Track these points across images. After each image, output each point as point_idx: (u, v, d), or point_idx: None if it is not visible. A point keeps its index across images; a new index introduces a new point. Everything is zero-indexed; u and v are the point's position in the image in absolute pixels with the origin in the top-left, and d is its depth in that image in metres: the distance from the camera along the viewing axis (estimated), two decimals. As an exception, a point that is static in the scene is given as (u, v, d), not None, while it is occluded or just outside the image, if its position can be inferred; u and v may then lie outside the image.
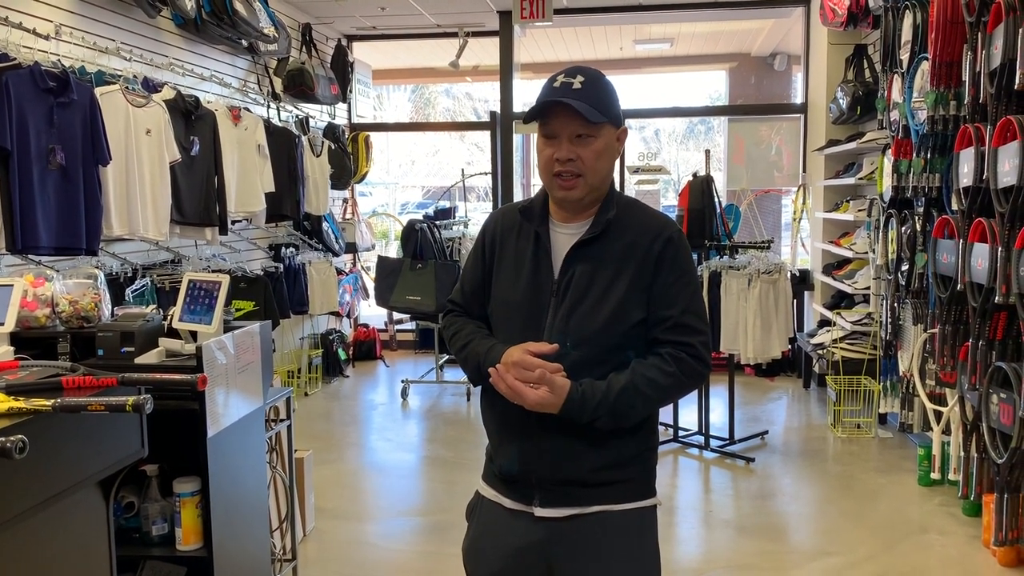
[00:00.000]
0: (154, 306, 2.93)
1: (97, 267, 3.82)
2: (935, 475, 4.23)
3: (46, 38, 3.81)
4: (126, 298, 4.06)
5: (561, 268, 1.74)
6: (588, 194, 1.73)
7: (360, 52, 7.96)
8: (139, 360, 2.49)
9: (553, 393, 1.62)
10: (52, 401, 1.64)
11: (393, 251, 9.17)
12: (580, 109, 1.65)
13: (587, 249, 1.73)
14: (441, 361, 6.82)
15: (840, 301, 6.09)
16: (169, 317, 2.65)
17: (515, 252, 1.79)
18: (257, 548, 2.91)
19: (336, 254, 6.90)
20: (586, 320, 1.69)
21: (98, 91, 3.79)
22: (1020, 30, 2.96)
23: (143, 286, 4.28)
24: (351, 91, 7.38)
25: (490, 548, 1.82)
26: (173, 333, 2.62)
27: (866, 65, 5.87)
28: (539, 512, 1.75)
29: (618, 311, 1.69)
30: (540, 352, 1.65)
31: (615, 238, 1.73)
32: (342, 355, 7.12)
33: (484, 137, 9.63)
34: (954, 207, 3.70)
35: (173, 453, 2.52)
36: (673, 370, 1.68)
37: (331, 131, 6.86)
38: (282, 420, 3.30)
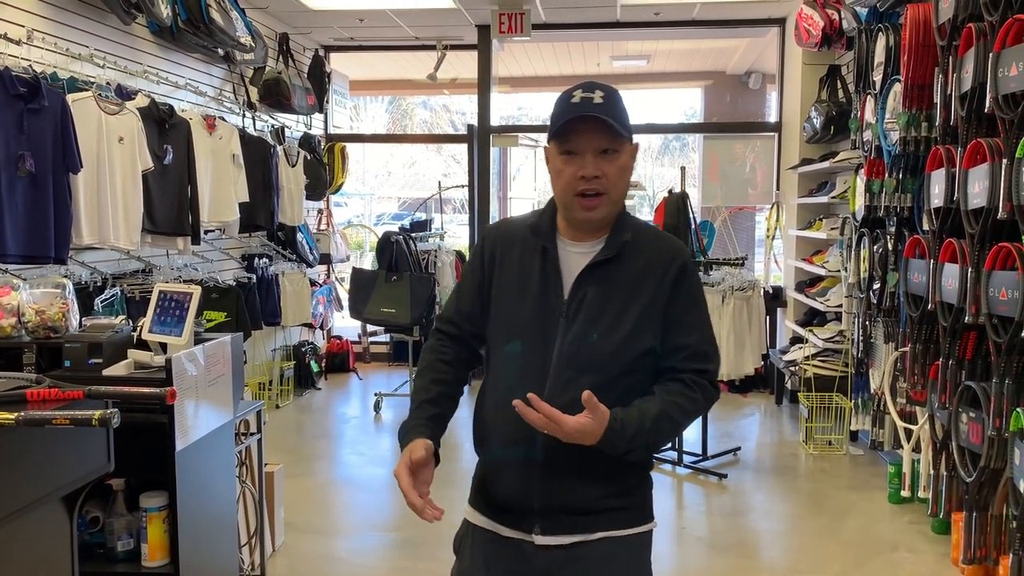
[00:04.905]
0: (123, 317, 2.89)
1: (66, 276, 3.76)
2: (905, 493, 4.26)
3: (17, 43, 3.75)
4: (95, 308, 3.99)
5: (572, 289, 1.67)
6: (610, 213, 1.67)
7: (337, 63, 7.94)
8: (107, 372, 2.45)
9: (594, 419, 1.53)
10: (16, 414, 1.61)
11: (368, 263, 9.13)
12: (611, 123, 1.60)
13: (600, 271, 1.67)
14: (415, 374, 6.78)
15: (812, 318, 6.14)
16: (139, 328, 2.61)
17: (519, 267, 1.71)
18: (225, 564, 2.86)
19: (310, 265, 6.85)
20: (599, 345, 1.63)
21: (70, 98, 3.74)
22: (990, 55, 3.01)
23: (112, 296, 4.21)
24: (328, 101, 7.35)
25: None
26: (142, 344, 2.58)
27: (840, 85, 5.95)
28: (540, 540, 1.67)
29: (631, 337, 1.64)
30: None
31: (629, 261, 1.67)
32: (314, 367, 7.05)
33: (461, 149, 9.63)
34: (925, 227, 3.75)
35: (140, 467, 2.48)
36: (697, 395, 1.66)
37: (307, 141, 6.82)
38: (252, 433, 3.26)
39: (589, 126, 1.61)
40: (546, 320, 1.66)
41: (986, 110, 3.07)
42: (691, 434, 5.27)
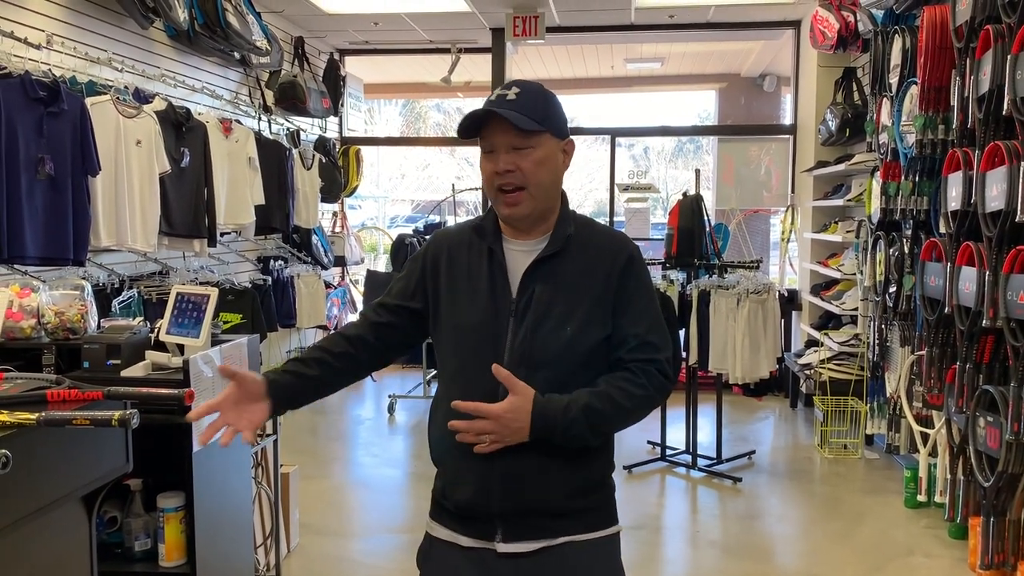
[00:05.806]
0: (141, 318, 2.91)
1: (84, 278, 3.79)
2: (921, 497, 4.24)
3: (37, 47, 3.79)
4: (113, 310, 4.02)
5: (519, 287, 1.65)
6: (535, 209, 1.65)
7: (352, 66, 7.97)
8: (125, 373, 2.47)
9: (517, 392, 1.53)
10: (36, 415, 1.62)
11: (382, 265, 9.16)
12: (510, 118, 1.58)
13: (546, 266, 1.65)
14: (428, 376, 6.79)
15: (828, 322, 6.11)
16: (156, 330, 2.63)
17: (468, 270, 1.69)
18: (241, 564, 2.88)
19: (325, 267, 6.87)
20: (550, 341, 1.61)
21: (89, 101, 3.77)
22: (1008, 57, 2.99)
23: (130, 298, 4.24)
24: (342, 105, 7.38)
25: None
26: (160, 346, 2.60)
27: (855, 88, 5.92)
28: (502, 548, 1.63)
29: (582, 330, 1.62)
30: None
31: (575, 255, 1.66)
32: (329, 369, 7.06)
33: (474, 152, 9.64)
34: (942, 230, 3.73)
35: (157, 467, 2.50)
36: (644, 382, 1.62)
37: (322, 144, 6.85)
38: (268, 435, 3.28)
39: (498, 122, 1.61)
40: (496, 320, 1.64)
41: (1004, 113, 3.05)
42: (706, 438, 5.26)
